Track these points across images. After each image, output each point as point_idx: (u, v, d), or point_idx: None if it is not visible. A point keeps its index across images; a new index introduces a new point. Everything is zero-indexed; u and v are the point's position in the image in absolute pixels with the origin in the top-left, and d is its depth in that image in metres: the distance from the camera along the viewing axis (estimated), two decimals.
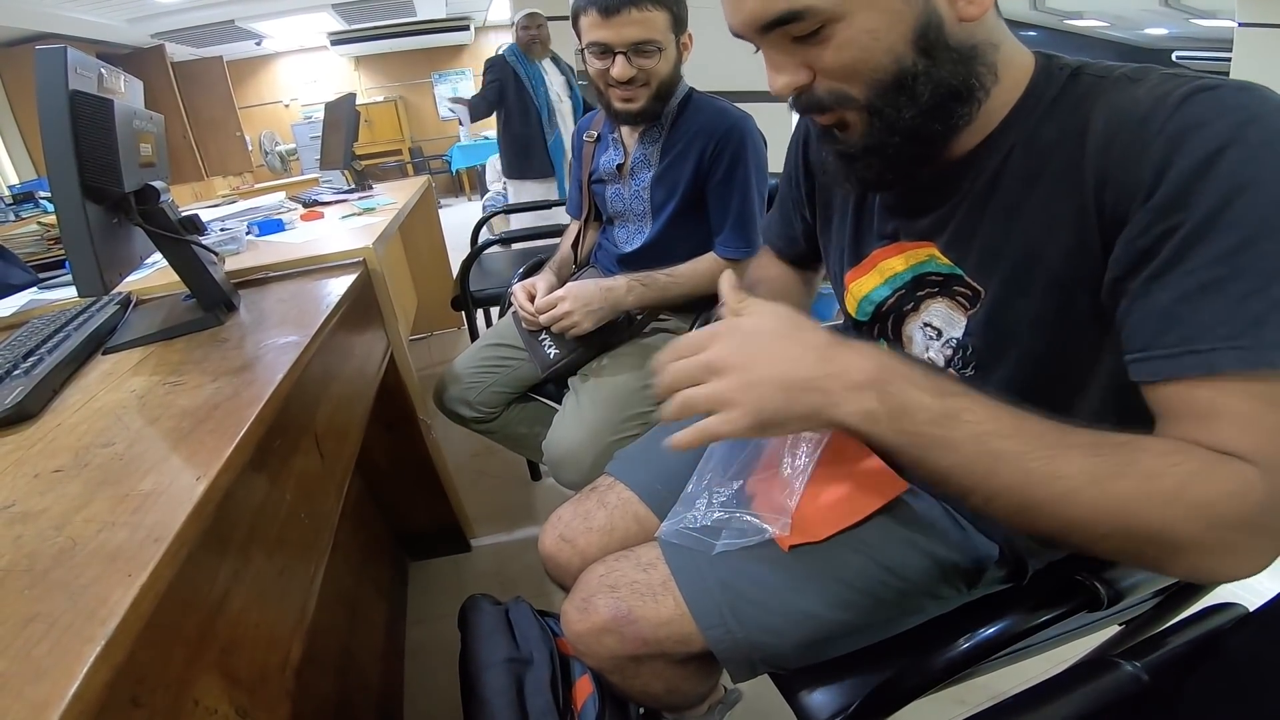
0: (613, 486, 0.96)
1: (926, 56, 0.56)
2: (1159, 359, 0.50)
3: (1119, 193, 0.52)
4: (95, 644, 0.37)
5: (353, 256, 1.30)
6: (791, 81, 0.60)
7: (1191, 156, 0.48)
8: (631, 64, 1.23)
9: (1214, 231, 0.47)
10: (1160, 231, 0.49)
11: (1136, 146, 0.51)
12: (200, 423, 0.64)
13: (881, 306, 0.78)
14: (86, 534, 0.47)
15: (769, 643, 0.72)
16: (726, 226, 1.34)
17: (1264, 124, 0.47)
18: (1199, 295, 0.48)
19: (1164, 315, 0.49)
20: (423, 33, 9.03)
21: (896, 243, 0.73)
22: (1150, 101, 0.51)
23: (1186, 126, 0.49)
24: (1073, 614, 0.60)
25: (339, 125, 2.61)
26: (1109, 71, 0.57)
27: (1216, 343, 0.47)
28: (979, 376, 0.69)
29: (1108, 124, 0.54)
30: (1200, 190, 0.47)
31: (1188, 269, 0.48)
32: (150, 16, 6.36)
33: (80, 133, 0.81)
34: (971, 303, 0.67)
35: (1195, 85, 0.50)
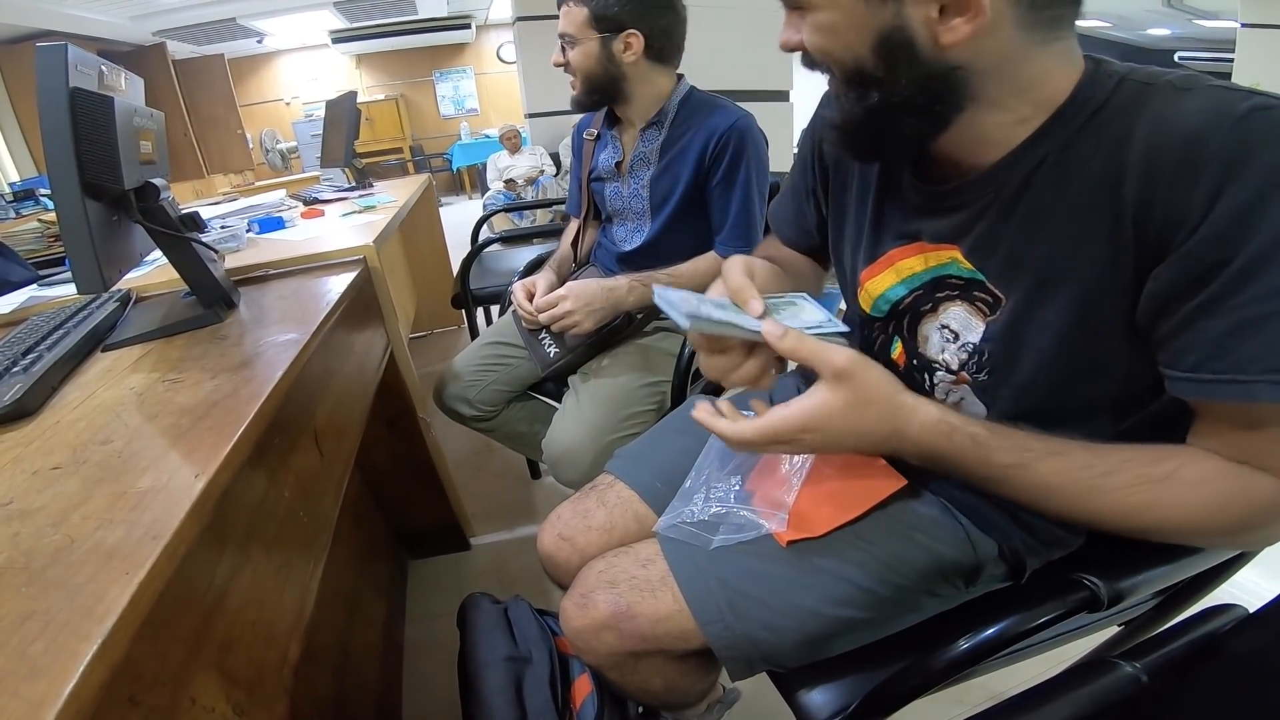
0: (612, 485, 0.96)
1: (885, 64, 0.58)
2: (1205, 383, 0.54)
3: (1166, 215, 0.52)
4: (92, 642, 0.37)
5: (353, 254, 1.30)
6: (787, 40, 0.64)
7: (1247, 187, 0.48)
8: (564, 54, 1.35)
9: (1266, 268, 0.48)
10: (1212, 262, 0.50)
11: (1186, 169, 0.50)
12: (199, 420, 0.64)
13: (898, 305, 0.77)
14: (84, 531, 0.47)
15: (767, 639, 0.72)
16: (727, 225, 1.34)
17: None
18: (1248, 329, 0.50)
19: (1212, 344, 0.52)
20: (424, 31, 9.02)
21: (917, 243, 0.73)
22: (1200, 119, 0.51)
23: (1241, 153, 0.48)
24: (1072, 614, 0.59)
25: (340, 123, 2.61)
26: (1154, 79, 0.56)
27: (1259, 375, 0.50)
28: (993, 381, 0.69)
29: (1152, 139, 0.53)
30: (1252, 227, 0.48)
31: (1238, 303, 0.50)
32: (152, 14, 6.35)
33: (80, 130, 0.81)
34: (992, 309, 0.67)
35: (1251, 104, 0.49)
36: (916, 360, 0.77)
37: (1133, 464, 0.56)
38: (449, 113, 10.28)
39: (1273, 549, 0.74)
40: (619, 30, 1.30)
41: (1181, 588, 0.80)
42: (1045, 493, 0.59)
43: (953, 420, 0.61)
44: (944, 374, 0.73)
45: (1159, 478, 0.55)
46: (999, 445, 0.59)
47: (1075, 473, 0.57)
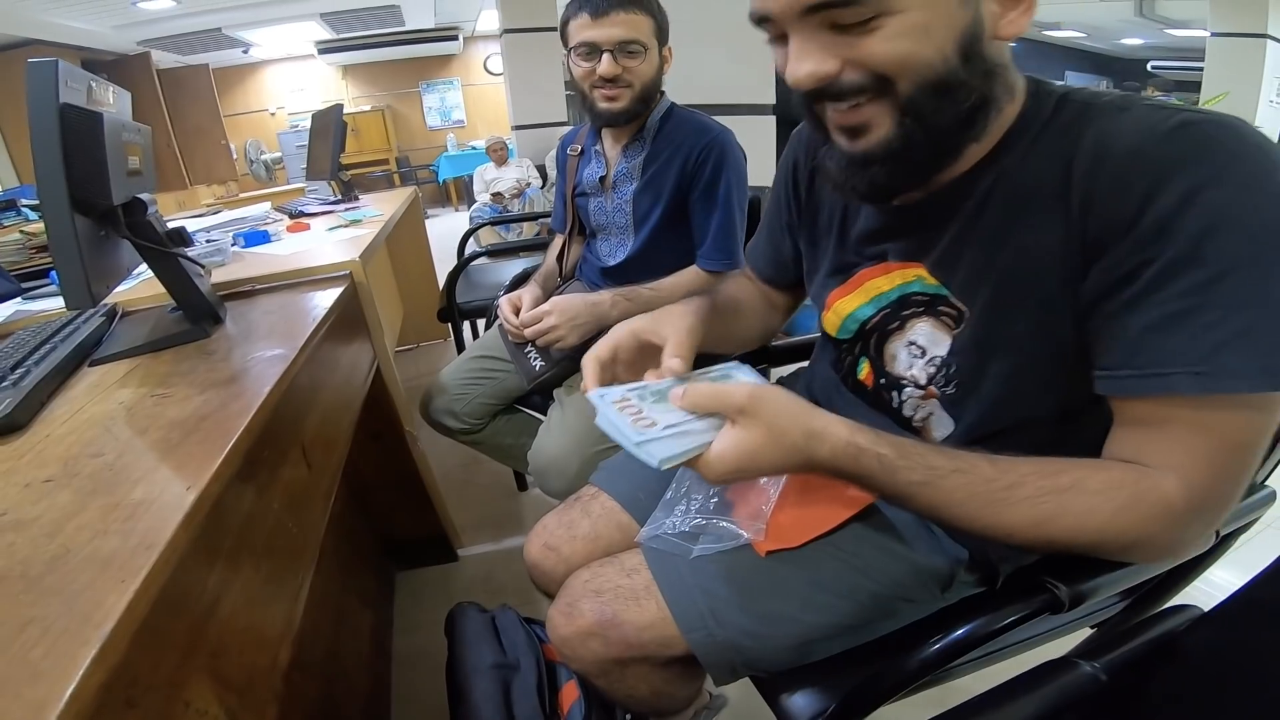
0: (596, 496, 0.97)
1: (967, 64, 0.57)
2: (1128, 378, 0.56)
3: (1103, 221, 0.55)
4: (91, 646, 0.38)
5: (339, 269, 1.31)
6: (818, 70, 0.58)
7: (1174, 193, 0.51)
8: (617, 62, 1.28)
9: (1189, 266, 0.51)
10: (1139, 261, 0.53)
11: (1122, 178, 0.54)
12: (189, 434, 0.65)
13: (865, 325, 0.80)
14: (79, 541, 0.49)
15: (749, 645, 0.74)
16: (707, 240, 1.36)
17: (1242, 164, 0.50)
18: (1169, 323, 0.52)
19: (1136, 339, 0.54)
20: (411, 42, 9.04)
21: (884, 263, 0.76)
22: (1137, 133, 0.54)
23: (1171, 162, 0.52)
24: (1035, 615, 0.61)
25: (326, 135, 2.61)
26: (1095, 98, 0.60)
27: (1178, 368, 0.52)
28: (960, 394, 0.71)
29: (1095, 153, 0.56)
30: (1179, 226, 0.51)
31: (1161, 299, 0.52)
32: (137, 24, 6.31)
33: (70, 146, 0.81)
34: (956, 322, 0.69)
35: (1180, 119, 0.53)
36: (884, 379, 0.79)
37: (1036, 476, 0.57)
38: (435, 124, 10.28)
39: (1245, 550, 0.78)
40: (664, 43, 1.33)
41: (1150, 589, 0.83)
42: (952, 508, 0.59)
43: (860, 442, 0.60)
44: (912, 389, 0.75)
45: (1062, 488, 0.56)
46: (904, 465, 0.60)
47: (979, 487, 0.58)
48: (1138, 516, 0.55)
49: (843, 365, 0.86)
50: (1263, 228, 0.49)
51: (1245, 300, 0.50)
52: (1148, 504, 0.55)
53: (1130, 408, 0.58)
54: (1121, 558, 0.60)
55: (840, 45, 0.57)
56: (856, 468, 0.60)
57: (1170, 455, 0.55)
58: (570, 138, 1.60)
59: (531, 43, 4.61)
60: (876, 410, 0.82)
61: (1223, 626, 0.64)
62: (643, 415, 0.62)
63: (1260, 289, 0.50)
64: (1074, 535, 0.57)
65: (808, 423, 0.61)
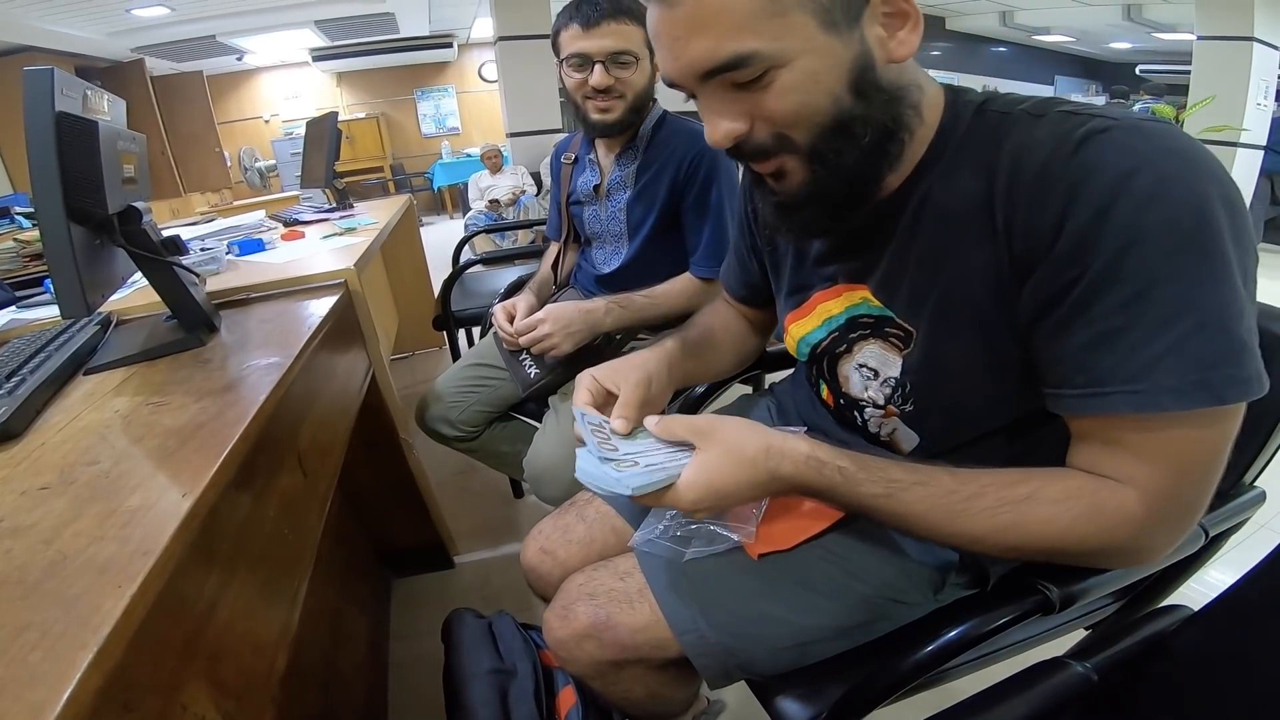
0: (591, 501, 0.98)
1: (862, 98, 0.58)
2: (1068, 398, 0.56)
3: (1025, 241, 0.56)
4: (88, 651, 0.38)
5: (334, 278, 1.31)
6: (731, 129, 0.61)
7: (1085, 210, 0.51)
8: (609, 73, 1.28)
9: (1110, 284, 0.51)
10: (1064, 281, 0.54)
11: (1037, 197, 0.54)
12: (185, 442, 0.65)
13: (816, 348, 0.81)
14: (76, 547, 0.49)
15: (742, 648, 0.75)
16: (700, 247, 1.37)
17: (1151, 170, 0.50)
18: (1100, 343, 0.53)
19: (1070, 361, 0.55)
20: (405, 50, 9.04)
21: (835, 285, 0.76)
22: (1048, 145, 0.54)
23: (1080, 176, 0.52)
24: (1027, 617, 0.62)
25: (320, 143, 2.61)
26: (1011, 107, 0.60)
27: (1116, 386, 0.53)
28: (919, 411, 0.72)
29: (1011, 169, 0.56)
30: (1096, 243, 0.51)
31: (1090, 318, 0.53)
32: (131, 31, 6.30)
33: (65, 154, 0.81)
34: (905, 343, 0.70)
35: (1090, 128, 0.53)
36: (843, 400, 0.80)
37: (994, 487, 0.58)
38: (430, 131, 10.28)
39: (1238, 550, 0.78)
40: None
41: (1143, 590, 0.84)
42: (913, 519, 0.60)
43: (821, 456, 0.62)
44: (872, 409, 0.76)
45: (1020, 498, 0.57)
46: (865, 478, 0.61)
47: (939, 499, 0.59)
48: (1098, 526, 0.55)
49: (812, 384, 0.88)
50: (1179, 236, 0.49)
51: (1173, 314, 0.50)
52: (1107, 513, 0.55)
53: (1079, 424, 0.59)
54: (1089, 564, 0.61)
55: (744, 102, 0.59)
56: (820, 480, 0.62)
57: (1124, 468, 0.55)
58: (564, 145, 1.61)
59: (526, 50, 4.61)
60: (844, 427, 0.83)
61: (1211, 626, 0.65)
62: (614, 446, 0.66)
63: (1186, 302, 0.49)
64: (1034, 543, 0.58)
65: (765, 439, 0.63)
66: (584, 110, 1.35)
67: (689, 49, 0.57)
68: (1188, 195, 0.49)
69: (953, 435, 0.72)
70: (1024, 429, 0.68)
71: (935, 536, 0.61)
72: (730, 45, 0.55)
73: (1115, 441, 0.55)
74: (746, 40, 0.55)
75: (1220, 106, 4.73)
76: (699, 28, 0.56)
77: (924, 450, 0.75)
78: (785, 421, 0.97)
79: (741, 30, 0.55)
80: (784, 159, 0.62)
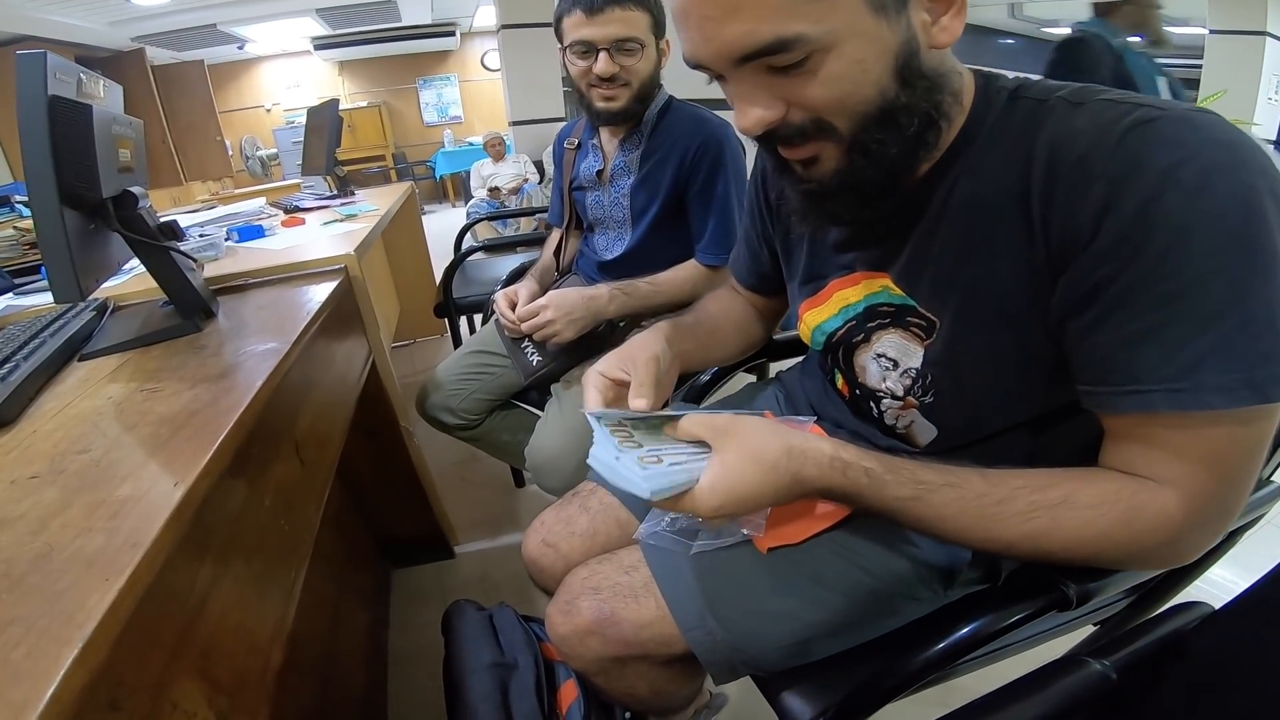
0: (595, 492, 0.96)
1: (907, 86, 0.56)
2: (1105, 395, 0.54)
3: (1063, 234, 0.54)
4: (72, 647, 0.37)
5: (334, 264, 1.30)
6: (765, 117, 0.57)
7: (1130, 203, 0.49)
8: (614, 60, 1.26)
9: (1153, 280, 0.49)
10: (1103, 275, 0.51)
11: (1078, 188, 0.52)
12: (178, 429, 0.64)
13: (832, 337, 0.79)
14: (63, 539, 0.47)
15: (749, 644, 0.73)
16: (706, 234, 1.35)
17: (1199, 163, 0.48)
18: (1141, 339, 0.51)
19: (1108, 358, 0.53)
20: (407, 38, 9.00)
21: (854, 273, 0.74)
22: (1090, 135, 0.52)
23: (1125, 168, 0.49)
24: (1042, 614, 0.61)
25: (321, 130, 2.60)
26: (1047, 94, 0.57)
27: (1155, 385, 0.51)
28: (939, 403, 0.70)
29: (1050, 160, 0.54)
30: (1140, 238, 0.49)
31: (1129, 315, 0.51)
32: (131, 20, 6.28)
33: (58, 138, 0.80)
34: (927, 333, 0.67)
35: (1135, 118, 0.51)
36: (859, 390, 0.78)
37: (1026, 490, 0.56)
38: (432, 120, 10.25)
39: (1244, 545, 0.77)
40: (661, 35, 1.31)
41: (1153, 586, 0.82)
42: (942, 523, 0.58)
43: (845, 457, 0.60)
44: (890, 400, 0.74)
45: (1054, 502, 0.55)
46: (893, 480, 0.59)
47: (969, 502, 0.57)
48: (1136, 530, 0.54)
49: (826, 373, 0.86)
50: (1226, 234, 0.47)
51: (1218, 312, 0.48)
52: (1145, 518, 0.53)
53: (1115, 423, 0.57)
54: (1122, 568, 0.60)
55: (781, 87, 0.56)
56: (844, 483, 0.59)
57: (1165, 469, 0.53)
58: (567, 131, 1.58)
59: (529, 38, 4.58)
60: (859, 418, 0.82)
61: (1234, 625, 0.63)
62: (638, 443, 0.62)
63: (1232, 299, 0.48)
64: (1069, 548, 0.56)
65: (786, 439, 0.60)
66: (588, 98, 1.32)
67: (724, 30, 0.54)
68: (1237, 189, 0.47)
69: (972, 429, 0.70)
70: (1045, 425, 0.67)
71: (964, 541, 0.59)
72: (771, 27, 0.52)
73: (1153, 441, 0.53)
74: (790, 22, 0.51)
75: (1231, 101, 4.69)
76: (736, 7, 0.52)
77: (940, 444, 0.73)
78: (794, 410, 0.95)
79: (783, 11, 0.51)
80: (820, 146, 0.59)
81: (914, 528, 0.61)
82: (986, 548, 0.59)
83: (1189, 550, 0.56)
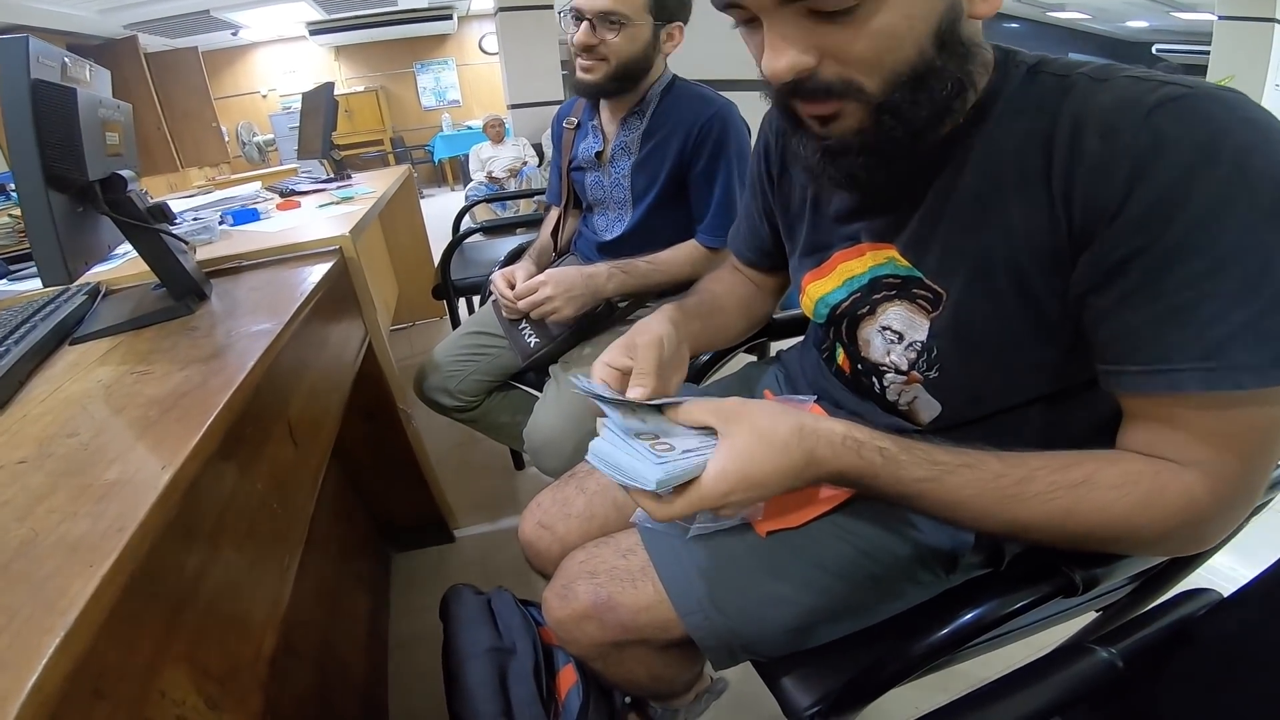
0: (591, 473, 0.95)
1: (944, 51, 0.54)
2: (1130, 375, 0.53)
3: (1088, 208, 0.52)
4: (55, 635, 0.36)
5: (329, 245, 1.28)
6: (796, 64, 0.54)
7: (1161, 177, 0.48)
8: (595, 33, 1.24)
9: (1183, 256, 0.48)
10: (1130, 250, 0.50)
11: (1106, 161, 0.50)
12: (167, 411, 0.63)
13: (836, 309, 0.77)
14: (48, 525, 0.47)
15: (747, 628, 0.72)
16: (709, 214, 1.33)
17: (1232, 141, 0.46)
18: (1168, 318, 0.49)
19: (1134, 335, 0.52)
20: (404, 22, 8.92)
21: (857, 245, 0.73)
22: (1117, 111, 0.50)
23: (1155, 143, 0.48)
24: (1047, 600, 0.60)
25: (317, 114, 2.58)
26: (1069, 70, 0.56)
27: (1183, 364, 0.49)
28: (944, 378, 0.69)
29: (1073, 132, 0.53)
30: (1170, 213, 0.48)
31: (1159, 291, 0.49)
32: (122, 7, 6.20)
33: (42, 121, 0.80)
34: (934, 305, 0.66)
35: (1163, 94, 0.49)
36: (861, 365, 0.77)
37: (1046, 471, 0.55)
38: (430, 104, 10.17)
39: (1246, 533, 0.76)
40: (669, 20, 1.28)
41: (1157, 573, 0.81)
42: (959, 506, 0.57)
43: (859, 436, 0.58)
44: (894, 375, 0.73)
45: (1074, 483, 0.54)
46: (908, 460, 0.57)
47: (988, 484, 0.55)
48: (1159, 513, 0.52)
49: (823, 349, 0.84)
50: (1259, 210, 0.46)
51: (1249, 289, 0.47)
52: (1169, 499, 0.52)
53: (1138, 403, 0.55)
54: (1143, 554, 0.59)
55: (819, 34, 0.53)
56: (859, 463, 0.58)
57: (1189, 451, 0.52)
58: (566, 110, 1.56)
59: (527, 21, 4.54)
60: (859, 395, 0.80)
61: (1244, 612, 0.62)
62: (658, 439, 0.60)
63: (1265, 276, 0.46)
64: (1090, 532, 0.54)
65: (797, 418, 0.59)
66: (574, 65, 1.32)
67: None
68: (1269, 166, 0.46)
69: (975, 405, 0.68)
70: (1055, 403, 0.65)
71: (982, 525, 0.57)
72: None
73: (1177, 422, 0.52)
74: None
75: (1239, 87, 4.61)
76: None
77: (944, 420, 0.71)
78: (793, 389, 0.94)
79: None
80: (845, 104, 0.56)
81: (930, 512, 0.59)
82: (1006, 531, 0.57)
83: (1211, 534, 0.54)
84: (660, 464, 0.55)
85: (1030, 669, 0.63)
